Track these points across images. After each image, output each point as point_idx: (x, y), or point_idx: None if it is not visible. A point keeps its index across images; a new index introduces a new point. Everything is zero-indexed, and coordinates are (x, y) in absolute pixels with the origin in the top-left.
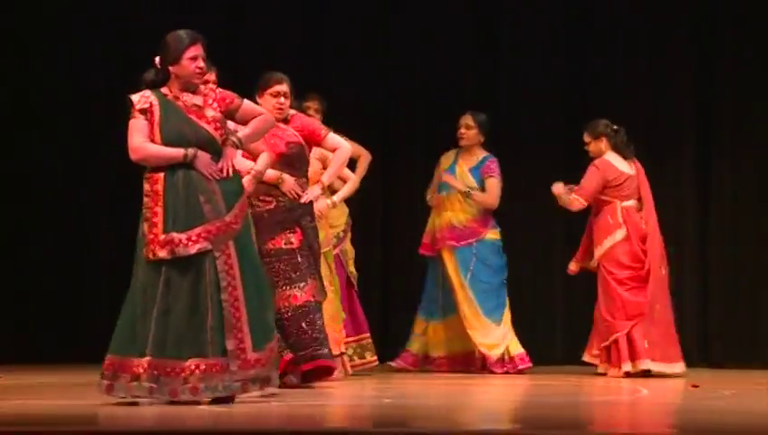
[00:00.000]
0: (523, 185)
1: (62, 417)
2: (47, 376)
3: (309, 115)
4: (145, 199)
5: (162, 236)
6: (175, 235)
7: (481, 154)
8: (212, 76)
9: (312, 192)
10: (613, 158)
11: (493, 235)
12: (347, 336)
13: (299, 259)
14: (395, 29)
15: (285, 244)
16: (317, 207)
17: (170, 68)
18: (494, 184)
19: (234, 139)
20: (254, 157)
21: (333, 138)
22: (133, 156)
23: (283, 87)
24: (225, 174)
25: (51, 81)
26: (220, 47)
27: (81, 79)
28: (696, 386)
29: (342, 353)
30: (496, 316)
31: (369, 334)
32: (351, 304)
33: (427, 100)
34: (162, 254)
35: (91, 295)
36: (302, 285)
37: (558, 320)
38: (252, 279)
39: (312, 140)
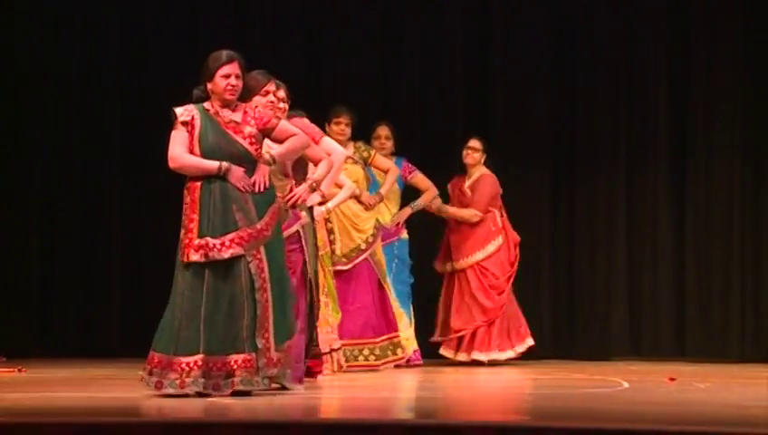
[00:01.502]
0: (515, 185)
1: (107, 409)
2: (63, 369)
3: (341, 130)
4: (184, 207)
5: (197, 241)
6: (209, 239)
7: (392, 159)
8: (272, 86)
9: (312, 199)
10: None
11: (406, 234)
12: (379, 335)
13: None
14: (392, 32)
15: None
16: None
17: (207, 84)
18: (423, 177)
19: (267, 156)
20: (314, 164)
21: (328, 141)
22: (171, 164)
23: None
24: (258, 189)
25: (63, 78)
26: (224, 44)
27: (93, 78)
28: (674, 379)
29: (332, 351)
30: (409, 315)
31: (398, 332)
32: (383, 305)
33: (422, 103)
34: (196, 257)
35: (104, 291)
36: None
37: (544, 317)
38: (277, 283)
39: None
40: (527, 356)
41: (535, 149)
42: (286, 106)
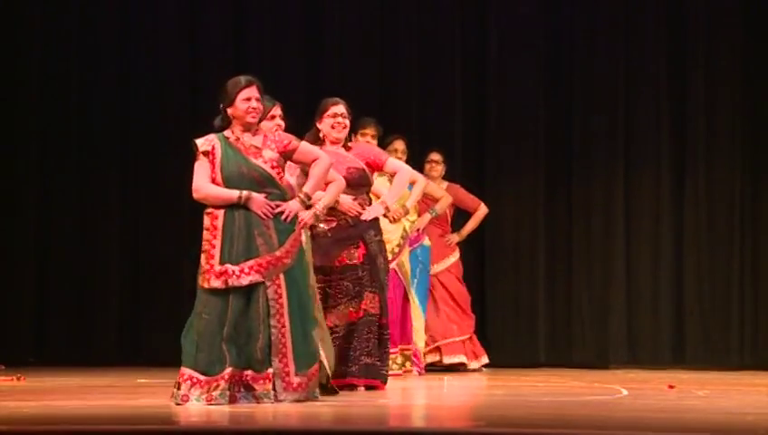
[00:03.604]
0: (511, 191)
1: (106, 417)
2: (61, 378)
3: (366, 141)
4: (204, 233)
5: (218, 268)
6: (229, 266)
7: None
8: (278, 110)
9: (375, 210)
10: None
11: (427, 240)
12: (395, 345)
13: (360, 274)
14: (390, 34)
15: (349, 259)
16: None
17: (228, 110)
18: (435, 185)
19: (302, 196)
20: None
21: (393, 162)
22: (195, 195)
23: (340, 108)
24: (283, 218)
25: (61, 89)
26: (224, 49)
27: (92, 87)
28: (673, 387)
29: None
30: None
31: (411, 345)
32: (404, 316)
33: (419, 104)
34: (216, 284)
35: (102, 301)
36: (357, 300)
37: (542, 324)
38: (297, 310)
39: (373, 167)
40: (526, 364)
41: (531, 153)
42: (282, 124)
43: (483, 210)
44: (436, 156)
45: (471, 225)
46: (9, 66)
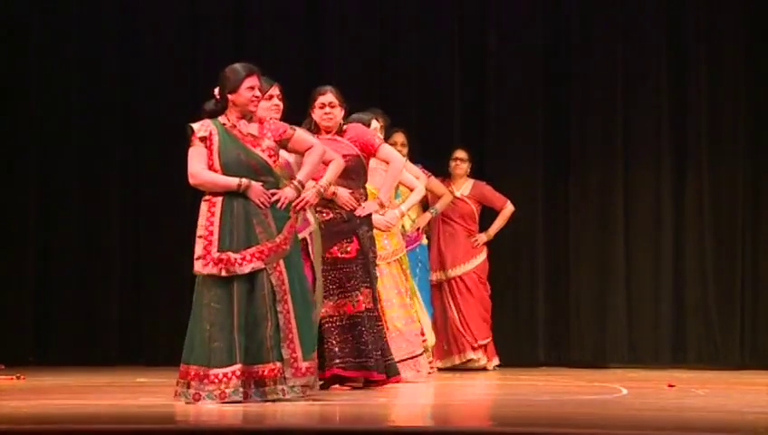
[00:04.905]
0: (510, 189)
1: (106, 416)
2: (61, 377)
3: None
4: (200, 219)
5: (215, 254)
6: (231, 254)
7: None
8: (275, 90)
9: (370, 206)
10: None
11: (425, 239)
12: None
13: (354, 268)
14: (390, 33)
15: (341, 253)
16: (387, 218)
17: (229, 96)
18: (438, 182)
19: (296, 183)
20: (324, 164)
21: (386, 149)
22: (191, 180)
23: (328, 97)
24: (278, 206)
25: (62, 89)
26: (224, 45)
27: (93, 83)
28: (672, 386)
29: (421, 353)
30: (432, 319)
31: (424, 342)
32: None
33: (419, 104)
34: (213, 270)
35: (102, 301)
36: (354, 294)
37: (541, 323)
38: (299, 294)
39: (366, 151)
40: (525, 364)
41: (530, 152)
42: (281, 105)
43: (509, 208)
44: (461, 153)
45: (498, 224)
46: (9, 66)
